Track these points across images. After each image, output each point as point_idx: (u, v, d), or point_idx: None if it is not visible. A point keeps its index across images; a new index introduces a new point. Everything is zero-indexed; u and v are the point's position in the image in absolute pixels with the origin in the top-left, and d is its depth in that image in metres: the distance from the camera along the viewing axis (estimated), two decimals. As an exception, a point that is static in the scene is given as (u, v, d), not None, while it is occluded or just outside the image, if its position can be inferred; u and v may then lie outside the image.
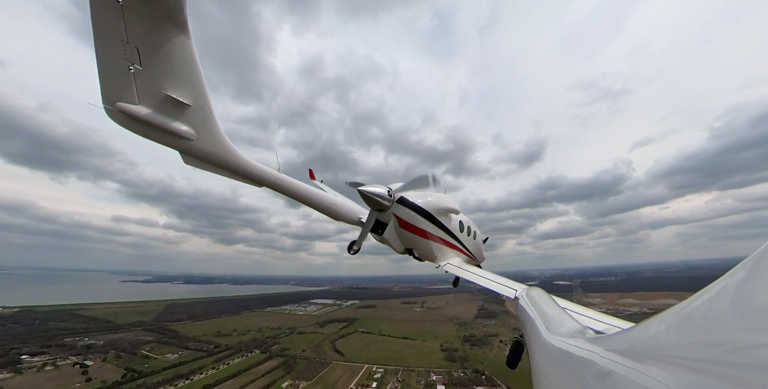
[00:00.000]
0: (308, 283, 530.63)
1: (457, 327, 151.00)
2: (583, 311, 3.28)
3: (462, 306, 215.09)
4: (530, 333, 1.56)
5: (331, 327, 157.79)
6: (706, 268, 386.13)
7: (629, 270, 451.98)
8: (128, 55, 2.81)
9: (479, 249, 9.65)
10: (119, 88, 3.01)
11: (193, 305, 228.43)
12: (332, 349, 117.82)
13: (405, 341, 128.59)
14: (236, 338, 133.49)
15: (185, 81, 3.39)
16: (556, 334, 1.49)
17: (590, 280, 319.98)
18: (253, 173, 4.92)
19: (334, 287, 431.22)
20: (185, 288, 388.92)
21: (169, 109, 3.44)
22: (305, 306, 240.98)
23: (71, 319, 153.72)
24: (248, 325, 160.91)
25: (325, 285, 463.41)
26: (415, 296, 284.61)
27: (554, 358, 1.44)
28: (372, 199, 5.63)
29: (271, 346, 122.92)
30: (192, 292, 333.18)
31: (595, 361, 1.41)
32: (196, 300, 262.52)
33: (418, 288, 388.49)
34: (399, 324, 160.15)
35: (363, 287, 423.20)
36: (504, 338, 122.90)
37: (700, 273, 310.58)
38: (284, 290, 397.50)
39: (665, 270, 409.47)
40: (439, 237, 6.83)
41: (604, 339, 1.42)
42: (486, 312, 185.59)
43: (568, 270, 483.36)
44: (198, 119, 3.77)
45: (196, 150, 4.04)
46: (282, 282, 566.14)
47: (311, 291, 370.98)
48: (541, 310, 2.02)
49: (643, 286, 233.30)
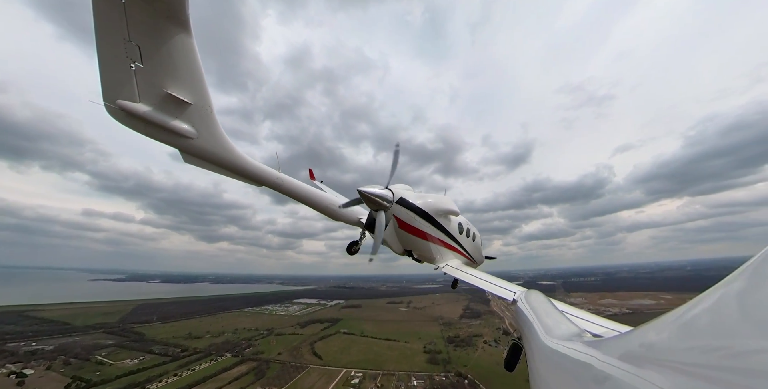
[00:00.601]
0: (294, 282, 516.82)
1: (442, 327, 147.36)
2: (581, 314, 3.26)
3: (448, 306, 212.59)
4: (528, 335, 1.55)
5: (312, 327, 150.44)
6: (677, 269, 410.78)
7: (608, 271, 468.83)
8: (129, 53, 2.83)
9: (478, 252, 9.34)
10: (120, 86, 3.03)
11: (166, 305, 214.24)
12: (310, 352, 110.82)
13: (387, 342, 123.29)
14: (207, 341, 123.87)
15: (186, 79, 3.42)
16: (555, 337, 1.48)
17: (572, 280, 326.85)
18: (254, 172, 4.95)
19: (320, 286, 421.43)
20: (162, 287, 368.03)
21: (169, 108, 3.47)
22: (288, 306, 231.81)
23: (21, 322, 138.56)
24: (224, 326, 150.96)
25: (312, 285, 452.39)
26: (401, 295, 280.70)
27: (552, 361, 1.43)
28: (372, 200, 5.59)
29: (245, 349, 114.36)
30: (169, 291, 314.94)
31: (593, 365, 1.40)
32: (171, 299, 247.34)
33: (405, 287, 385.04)
34: (383, 325, 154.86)
35: (350, 286, 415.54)
36: (488, 339, 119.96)
37: (671, 275, 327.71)
38: (268, 289, 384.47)
39: (640, 271, 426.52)
40: (438, 238, 6.78)
41: (602, 343, 1.42)
42: (471, 312, 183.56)
43: (550, 271, 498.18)
44: (198, 118, 3.80)
45: (197, 148, 4.05)
46: (267, 282, 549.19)
47: (296, 291, 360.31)
48: (540, 313, 2.02)
49: (621, 286, 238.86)
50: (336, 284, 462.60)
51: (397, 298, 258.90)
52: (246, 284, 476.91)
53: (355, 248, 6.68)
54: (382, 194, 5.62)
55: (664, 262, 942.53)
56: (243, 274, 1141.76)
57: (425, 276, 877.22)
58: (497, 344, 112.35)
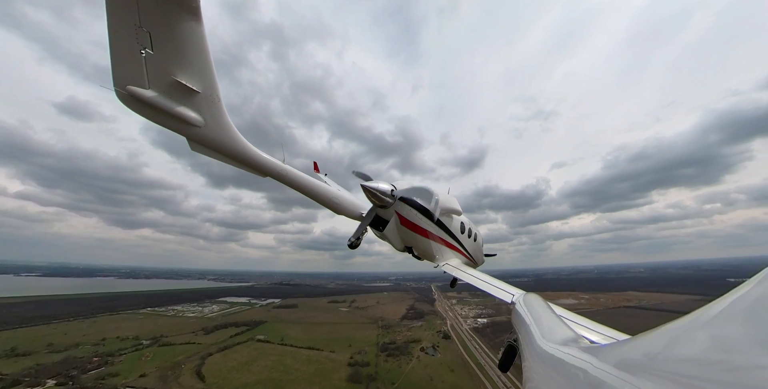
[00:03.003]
0: (231, 278, 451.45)
1: (380, 331, 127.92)
2: (579, 320, 3.22)
3: (392, 306, 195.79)
4: (524, 338, 1.54)
5: (219, 334, 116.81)
6: (587, 273, 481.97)
7: (537, 273, 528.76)
8: (140, 39, 2.80)
9: (478, 252, 9.16)
10: (130, 72, 3.00)
11: (13, 306, 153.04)
12: (192, 371, 79.23)
13: (308, 352, 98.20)
14: (34, 359, 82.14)
15: (195, 68, 3.37)
16: (551, 341, 1.45)
17: (508, 281, 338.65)
18: (259, 163, 4.94)
19: (261, 283, 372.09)
20: (36, 283, 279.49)
21: (178, 95, 3.44)
22: (205, 306, 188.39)
23: None
24: (87, 335, 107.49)
25: (252, 281, 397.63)
26: (347, 294, 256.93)
27: (547, 364, 1.41)
28: (375, 195, 5.58)
29: (88, 372, 77.18)
30: (45, 288, 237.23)
31: (587, 370, 1.39)
32: (33, 298, 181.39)
33: (354, 285, 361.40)
34: (313, 329, 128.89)
35: (294, 284, 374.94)
36: (426, 344, 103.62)
37: (584, 277, 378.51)
38: (192, 286, 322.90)
39: (560, 274, 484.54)
40: (439, 237, 6.71)
41: (598, 350, 1.40)
42: (414, 313, 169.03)
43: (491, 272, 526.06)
44: (206, 106, 3.76)
45: (203, 137, 4.04)
46: (197, 277, 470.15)
47: (227, 288, 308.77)
48: (537, 316, 2.01)
49: (549, 287, 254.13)
50: (280, 281, 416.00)
51: (341, 297, 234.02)
52: (169, 280, 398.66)
53: (357, 242, 6.45)
54: (386, 189, 5.56)
55: (577, 267, 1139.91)
56: (171, 268, 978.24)
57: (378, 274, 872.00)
58: (435, 351, 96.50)
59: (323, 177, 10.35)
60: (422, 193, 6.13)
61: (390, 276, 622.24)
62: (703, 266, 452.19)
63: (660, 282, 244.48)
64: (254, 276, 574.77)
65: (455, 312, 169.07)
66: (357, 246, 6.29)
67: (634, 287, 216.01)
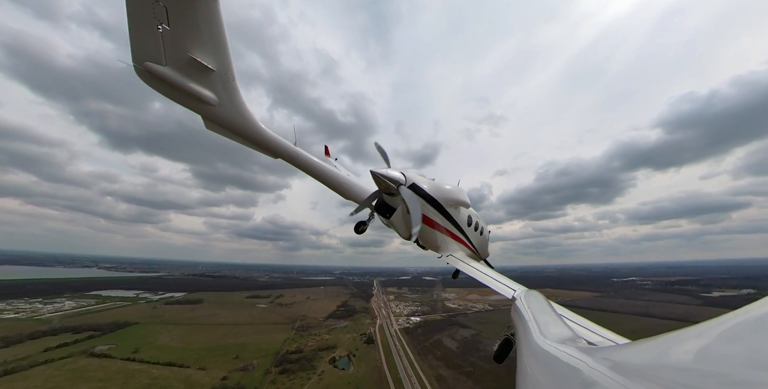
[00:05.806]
0: (135, 268, 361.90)
1: (293, 333, 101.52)
2: (579, 321, 3.18)
3: (323, 302, 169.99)
4: (522, 334, 1.57)
5: (35, 344, 75.27)
6: (512, 272, 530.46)
7: None
8: (157, 15, 2.78)
9: (484, 245, 8.92)
10: (148, 48, 2.98)
11: None
12: None
13: (162, 371, 66.15)
14: None
15: (211, 46, 3.37)
16: (548, 339, 1.46)
17: (448, 278, 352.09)
18: (271, 143, 4.94)
19: (172, 274, 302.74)
20: None
21: (194, 73, 3.44)
22: (54, 302, 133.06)
23: None
24: None
25: (161, 271, 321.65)
26: (276, 288, 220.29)
27: (542, 361, 1.42)
28: (383, 182, 5.46)
29: None
30: None
31: (581, 370, 1.39)
32: None
33: (290, 279, 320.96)
34: (198, 333, 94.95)
35: (218, 275, 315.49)
36: (342, 353, 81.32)
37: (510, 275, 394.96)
38: (66, 275, 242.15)
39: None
40: (445, 228, 6.63)
41: (595, 351, 1.39)
42: (345, 310, 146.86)
43: (434, 269, 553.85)
44: (221, 85, 3.77)
45: (217, 116, 4.05)
46: (84, 265, 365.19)
47: (117, 278, 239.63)
48: (537, 314, 2.00)
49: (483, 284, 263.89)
50: (203, 272, 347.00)
51: (266, 292, 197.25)
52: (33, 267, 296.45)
53: (363, 228, 6.67)
54: (395, 177, 5.41)
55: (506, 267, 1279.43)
56: (49, 253, 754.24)
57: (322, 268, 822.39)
58: (348, 363, 74.89)
59: (333, 161, 9.64)
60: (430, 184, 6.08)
61: (335, 270, 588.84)
62: (593, 269, 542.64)
63: (566, 280, 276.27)
64: (173, 265, 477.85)
65: (389, 310, 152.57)
66: (363, 232, 6.55)
67: (550, 285, 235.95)
